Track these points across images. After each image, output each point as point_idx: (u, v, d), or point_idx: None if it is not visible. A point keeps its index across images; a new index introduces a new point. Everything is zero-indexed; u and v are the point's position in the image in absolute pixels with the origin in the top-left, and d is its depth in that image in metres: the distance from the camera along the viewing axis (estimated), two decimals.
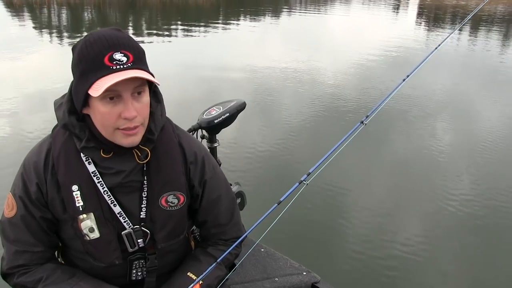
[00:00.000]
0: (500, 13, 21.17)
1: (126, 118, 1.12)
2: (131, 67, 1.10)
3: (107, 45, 1.09)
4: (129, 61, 1.10)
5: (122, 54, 1.10)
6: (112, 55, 1.09)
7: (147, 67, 1.16)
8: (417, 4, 26.43)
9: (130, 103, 1.12)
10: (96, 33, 1.13)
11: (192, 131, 2.06)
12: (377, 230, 3.61)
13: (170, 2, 21.88)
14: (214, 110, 2.13)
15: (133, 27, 14.21)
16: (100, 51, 1.09)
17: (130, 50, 1.12)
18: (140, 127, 1.17)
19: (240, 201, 2.24)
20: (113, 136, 1.17)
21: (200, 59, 9.17)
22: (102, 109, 1.12)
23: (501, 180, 4.47)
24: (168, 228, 1.33)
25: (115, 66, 1.08)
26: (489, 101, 7.26)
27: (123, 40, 1.12)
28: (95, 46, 1.10)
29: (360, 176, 4.51)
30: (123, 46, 1.11)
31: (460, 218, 3.81)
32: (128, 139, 1.17)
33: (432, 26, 16.66)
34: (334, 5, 24.61)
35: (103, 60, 1.08)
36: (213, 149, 2.23)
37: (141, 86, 1.14)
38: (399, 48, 11.32)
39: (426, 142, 5.35)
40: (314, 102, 6.63)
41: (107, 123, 1.14)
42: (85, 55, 1.10)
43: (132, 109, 1.12)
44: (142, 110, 1.16)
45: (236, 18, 16.97)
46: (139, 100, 1.15)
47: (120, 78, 1.06)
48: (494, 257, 3.34)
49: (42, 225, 1.27)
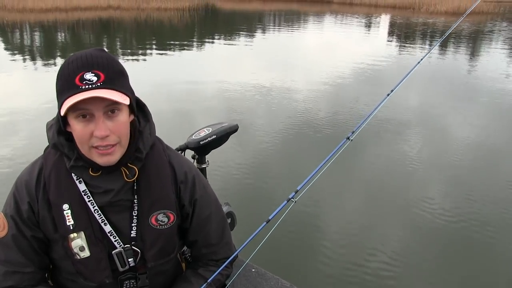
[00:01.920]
0: (467, 30, 21.93)
1: (97, 137, 1.13)
2: (99, 86, 1.10)
3: (81, 65, 1.12)
4: (99, 81, 1.11)
5: (93, 74, 1.11)
6: (83, 75, 1.11)
7: (121, 87, 1.16)
8: (388, 22, 27.17)
9: (101, 122, 1.13)
10: (77, 53, 1.16)
11: (179, 150, 2.06)
12: (367, 246, 3.62)
13: (145, 23, 21.92)
14: (203, 131, 2.15)
15: (108, 48, 14.12)
16: (73, 71, 1.11)
17: (103, 70, 1.13)
18: (116, 147, 1.18)
19: (230, 222, 2.23)
20: (90, 154, 1.18)
21: (173, 80, 9.15)
22: (77, 127, 1.14)
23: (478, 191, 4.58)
24: (158, 247, 1.33)
25: (84, 85, 1.10)
26: (461, 114, 7.45)
27: (98, 59, 1.13)
28: (71, 66, 1.13)
29: (347, 191, 4.54)
30: (96, 66, 1.12)
31: (444, 230, 3.87)
32: (103, 158, 1.17)
33: (404, 43, 17.10)
34: (308, 24, 25.09)
35: (74, 80, 1.10)
36: (203, 170, 2.23)
37: (113, 105, 1.14)
38: (373, 66, 11.57)
39: (406, 156, 5.44)
40: (296, 120, 6.69)
41: (82, 141, 1.16)
42: (61, 75, 1.14)
43: (102, 128, 1.13)
44: (117, 129, 1.16)
45: (211, 38, 17.09)
46: (114, 119, 1.15)
47: (83, 97, 1.07)
48: (470, 266, 3.40)
49: (33, 245, 1.27)
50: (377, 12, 34.01)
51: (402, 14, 31.62)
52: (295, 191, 1.62)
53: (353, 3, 41.52)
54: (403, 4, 37.47)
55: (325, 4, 42.35)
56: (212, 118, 6.58)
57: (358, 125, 1.83)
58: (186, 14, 26.24)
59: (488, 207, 4.22)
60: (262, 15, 30.40)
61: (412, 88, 8.64)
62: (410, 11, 34.11)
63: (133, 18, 23.11)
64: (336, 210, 4.17)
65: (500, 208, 4.21)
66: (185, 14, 26.00)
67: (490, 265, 3.42)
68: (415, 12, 33.02)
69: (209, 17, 27.83)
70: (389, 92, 2.08)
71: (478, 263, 3.45)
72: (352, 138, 1.80)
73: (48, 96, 7.43)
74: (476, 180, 4.81)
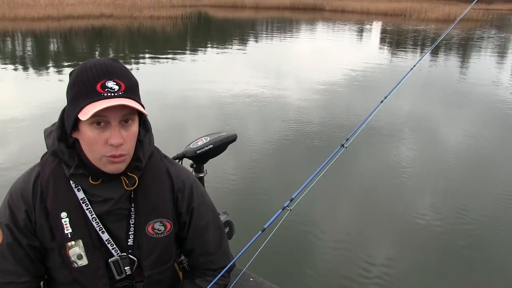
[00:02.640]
0: (457, 36, 22.15)
1: (112, 145, 1.14)
2: (121, 95, 1.13)
3: (101, 73, 1.14)
4: (121, 90, 1.14)
5: (114, 82, 1.14)
6: (104, 82, 1.13)
7: (138, 98, 1.19)
8: (379, 29, 27.38)
9: (117, 130, 1.15)
10: (93, 60, 1.18)
11: (177, 159, 2.06)
12: (364, 254, 3.62)
13: (138, 31, 21.92)
14: (201, 141, 2.15)
15: (100, 56, 14.08)
16: (93, 78, 1.13)
17: (123, 79, 1.16)
18: (126, 156, 1.20)
19: (229, 231, 2.23)
20: (99, 162, 1.18)
21: (165, 88, 9.15)
22: (90, 134, 1.14)
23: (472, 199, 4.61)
24: (154, 255, 1.33)
25: (106, 93, 1.12)
26: (452, 122, 7.51)
27: (117, 69, 1.16)
28: (90, 72, 1.14)
29: (343, 198, 4.55)
30: (117, 75, 1.15)
31: (440, 239, 3.89)
32: (113, 165, 1.18)
33: (395, 50, 17.24)
34: (300, 31, 25.19)
35: (96, 86, 1.12)
36: (200, 179, 2.23)
37: (129, 115, 1.17)
38: (365, 72, 11.66)
39: (399, 163, 5.47)
40: (290, 127, 6.71)
41: (94, 148, 1.16)
42: (79, 80, 1.14)
43: (118, 136, 1.14)
44: (129, 139, 1.18)
45: (204, 46, 17.13)
46: (127, 128, 1.17)
47: (109, 105, 1.09)
48: (463, 272, 3.42)
49: (29, 253, 1.26)
50: (368, 19, 34.28)
51: (394, 21, 31.90)
52: (290, 199, 1.62)
53: (345, 11, 41.88)
54: (395, 11, 37.86)
55: (317, 12, 42.70)
56: (205, 126, 6.60)
57: (352, 133, 1.84)
58: (179, 22, 26.27)
59: (480, 217, 4.24)
60: (254, 23, 30.52)
61: (403, 94, 8.70)
62: (401, 18, 34.42)
63: (126, 27, 23.11)
64: (332, 218, 4.17)
65: (491, 217, 4.23)
66: (178, 22, 26.03)
67: (481, 273, 3.44)
68: (406, 19, 33.33)
69: (202, 25, 27.88)
70: (382, 99, 2.10)
71: (470, 272, 3.46)
72: (346, 145, 1.81)
73: (39, 104, 7.41)
74: (470, 190, 4.82)
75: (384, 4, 41.20)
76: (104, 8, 28.52)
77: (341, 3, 44.23)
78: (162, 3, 35.39)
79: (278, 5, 45.96)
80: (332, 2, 45.46)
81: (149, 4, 33.27)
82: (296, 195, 1.64)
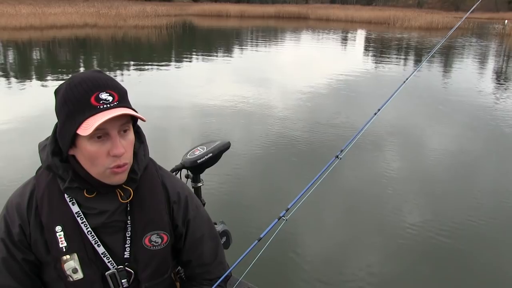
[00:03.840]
0: (440, 45, 22.51)
1: (115, 155, 1.15)
2: (117, 105, 1.13)
3: (92, 86, 1.13)
4: (115, 100, 1.14)
5: (107, 93, 1.14)
6: (98, 95, 1.12)
7: (130, 105, 1.20)
8: (364, 38, 27.73)
9: (118, 141, 1.15)
10: (79, 75, 1.17)
11: (176, 171, 2.06)
12: (360, 262, 3.59)
13: (122, 41, 21.83)
14: (198, 150, 2.15)
15: (85, 66, 13.97)
16: (85, 92, 1.12)
17: (114, 89, 1.16)
18: (128, 164, 1.21)
19: (225, 240, 2.21)
20: (103, 175, 1.18)
21: (150, 98, 8.96)
22: (90, 148, 1.14)
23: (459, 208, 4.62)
24: (151, 268, 1.33)
25: (102, 105, 1.12)
26: (442, 131, 7.57)
27: (106, 81, 1.17)
28: (80, 87, 1.13)
29: (339, 207, 4.52)
30: (108, 86, 1.15)
31: (439, 251, 3.86)
32: (116, 176, 1.19)
33: (380, 57, 17.44)
34: (285, 40, 25.40)
35: (90, 100, 1.12)
36: (198, 189, 2.22)
37: (126, 124, 1.18)
38: (353, 81, 11.76)
39: (387, 172, 5.47)
40: (284, 137, 6.68)
41: (97, 162, 1.16)
42: (70, 97, 1.13)
43: (120, 146, 1.15)
44: (129, 147, 1.20)
45: (189, 55, 17.10)
46: (125, 137, 1.19)
47: (110, 116, 1.09)
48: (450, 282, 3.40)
49: (25, 268, 1.26)
50: (353, 28, 34.75)
51: (378, 29, 32.40)
52: (286, 209, 1.61)
53: (329, 19, 42.46)
54: (378, 20, 38.52)
55: (302, 20, 43.18)
56: (196, 136, 6.56)
57: (346, 144, 1.83)
58: (163, 31, 26.26)
59: (472, 226, 4.23)
60: (239, 31, 30.70)
61: (390, 104, 8.73)
62: (385, 26, 35.00)
63: (110, 36, 23.02)
64: (327, 227, 4.14)
65: (478, 225, 4.22)
66: (163, 32, 26.02)
67: (468, 279, 3.44)
68: (390, 27, 33.88)
69: (186, 35, 27.93)
70: (376, 112, 2.09)
71: (464, 277, 3.46)
72: (341, 156, 1.80)
73: (20, 117, 7.26)
74: (463, 201, 4.75)
75: (368, 13, 41.92)
76: (88, 18, 28.43)
77: (326, 11, 44.87)
78: (147, 12, 35.46)
79: (263, 14, 46.43)
80: (317, 10, 46.05)
81: (134, 13, 33.29)
82: (291, 205, 1.62)
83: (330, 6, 53.06)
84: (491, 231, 4.12)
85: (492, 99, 10.04)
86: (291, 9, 49.40)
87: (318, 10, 46.19)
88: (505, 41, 25.90)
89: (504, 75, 14.03)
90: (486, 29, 33.37)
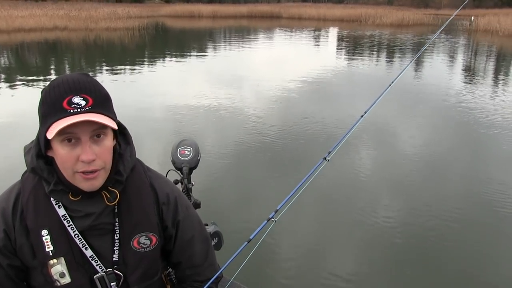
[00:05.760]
0: (410, 41, 22.96)
1: (83, 161, 1.12)
2: (88, 110, 1.11)
3: (68, 89, 1.12)
4: (88, 105, 1.11)
5: (81, 97, 1.11)
6: (71, 98, 1.10)
7: (108, 112, 1.16)
8: (336, 35, 28.03)
9: (88, 146, 1.12)
10: (61, 77, 1.16)
11: (188, 174, 2.06)
12: (350, 263, 3.63)
13: (94, 44, 21.46)
14: (187, 150, 2.14)
15: (56, 70, 13.67)
16: (60, 95, 1.11)
17: (90, 94, 1.13)
18: (100, 171, 1.17)
19: (217, 241, 2.20)
20: (73, 179, 1.16)
21: (123, 100, 8.79)
22: (61, 152, 1.12)
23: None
24: (141, 270, 1.32)
25: (73, 109, 1.10)
26: (418, 128, 7.71)
27: (85, 84, 1.14)
28: (56, 89, 1.12)
29: (326, 208, 4.56)
30: (84, 90, 1.13)
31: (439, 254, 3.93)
32: (87, 183, 1.16)
33: (352, 55, 17.65)
34: (258, 39, 25.44)
35: (62, 103, 1.10)
36: (189, 190, 2.20)
37: (100, 129, 1.14)
38: (328, 79, 11.83)
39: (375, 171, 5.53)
40: (270, 138, 6.72)
41: (66, 166, 1.14)
42: (47, 99, 1.13)
43: (89, 152, 1.12)
44: (103, 154, 1.16)
45: (162, 57, 16.93)
46: (99, 143, 1.15)
47: (73, 121, 1.07)
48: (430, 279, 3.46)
49: (10, 274, 1.24)
50: (325, 26, 35.07)
51: (350, 27, 32.78)
52: (275, 211, 1.61)
53: (302, 17, 42.72)
54: (351, 18, 38.98)
55: (274, 19, 43.30)
56: (177, 137, 6.47)
57: (334, 146, 1.86)
58: (136, 33, 25.95)
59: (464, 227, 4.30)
60: (212, 32, 30.59)
61: (368, 104, 8.82)
62: (357, 24, 35.42)
63: (81, 39, 22.60)
64: (316, 228, 4.18)
65: (463, 227, 4.28)
66: (135, 34, 25.71)
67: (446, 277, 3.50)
68: (362, 25, 34.31)
69: (159, 36, 27.65)
70: (362, 114, 2.12)
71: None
72: (328, 158, 1.81)
73: None
74: (455, 202, 4.74)
75: (340, 11, 42.39)
76: (58, 21, 27.85)
77: (298, 10, 45.15)
78: (118, 14, 34.96)
79: (235, 14, 46.39)
80: (289, 9, 46.30)
81: (105, 15, 32.76)
82: (280, 206, 1.63)
83: (302, 5, 53.47)
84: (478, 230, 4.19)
85: (463, 94, 10.29)
86: (264, 8, 49.53)
87: (290, 9, 46.44)
88: (473, 37, 26.59)
89: (473, 72, 14.36)
90: (454, 25, 34.10)
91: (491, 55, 18.71)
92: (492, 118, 7.91)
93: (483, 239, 3.99)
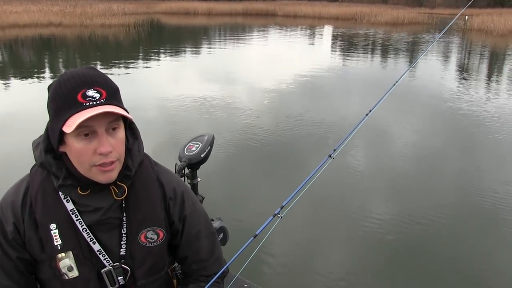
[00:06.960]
0: (405, 40, 23.03)
1: (101, 154, 1.13)
2: (104, 103, 1.12)
3: (80, 83, 1.12)
4: (102, 97, 1.12)
5: (95, 91, 1.12)
6: (85, 92, 1.11)
7: (120, 103, 1.19)
8: (331, 34, 28.04)
9: (105, 138, 1.14)
10: (70, 71, 1.16)
11: (181, 170, 2.06)
12: (354, 258, 3.66)
13: (89, 40, 21.34)
14: (193, 146, 2.14)
15: (51, 66, 13.59)
16: (73, 89, 1.11)
17: (103, 87, 1.14)
18: (116, 163, 1.19)
19: (223, 237, 2.22)
20: (90, 173, 1.17)
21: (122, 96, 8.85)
22: (77, 146, 1.13)
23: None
24: (148, 264, 1.33)
25: (88, 102, 1.10)
26: (419, 128, 7.74)
27: (96, 77, 1.15)
28: (68, 84, 1.12)
29: (332, 204, 4.59)
30: (96, 83, 1.14)
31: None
32: (104, 175, 1.17)
33: (348, 53, 17.68)
34: (252, 36, 25.38)
35: (76, 97, 1.11)
36: (194, 185, 2.22)
37: (115, 121, 1.16)
38: (325, 77, 11.83)
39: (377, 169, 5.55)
40: (275, 135, 6.75)
41: (83, 160, 1.14)
42: (58, 93, 1.13)
43: (107, 144, 1.13)
44: (117, 146, 1.18)
45: (157, 54, 16.84)
46: (114, 135, 1.16)
47: (92, 113, 1.08)
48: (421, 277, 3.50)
49: (19, 266, 1.25)
50: (320, 24, 35.05)
51: (345, 25, 32.77)
52: (281, 207, 1.63)
53: (297, 15, 42.69)
54: (346, 16, 38.99)
55: (269, 17, 43.23)
56: (183, 132, 6.53)
57: (339, 143, 1.88)
58: (131, 30, 25.82)
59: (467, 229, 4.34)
60: (207, 29, 30.50)
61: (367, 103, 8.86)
62: (352, 22, 35.44)
63: (76, 35, 22.46)
64: (322, 224, 4.21)
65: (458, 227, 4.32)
66: (131, 30, 25.58)
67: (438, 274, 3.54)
68: (357, 23, 34.33)
69: (154, 33, 27.52)
70: (367, 112, 2.14)
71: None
72: (334, 156, 1.84)
73: None
74: (461, 205, 4.76)
75: (335, 9, 42.38)
76: (53, 17, 27.66)
77: (293, 8, 45.07)
78: (114, 11, 34.73)
79: (231, 11, 46.23)
80: (284, 7, 46.22)
81: (100, 12, 32.56)
82: (286, 202, 1.65)
83: (297, 3, 53.35)
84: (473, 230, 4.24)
85: (456, 93, 10.35)
86: (259, 6, 49.40)
87: (286, 7, 46.36)
88: (467, 36, 26.70)
89: (468, 71, 14.43)
90: (448, 24, 34.20)
91: (484, 54, 18.81)
92: (497, 119, 7.97)
93: (483, 239, 4.04)
